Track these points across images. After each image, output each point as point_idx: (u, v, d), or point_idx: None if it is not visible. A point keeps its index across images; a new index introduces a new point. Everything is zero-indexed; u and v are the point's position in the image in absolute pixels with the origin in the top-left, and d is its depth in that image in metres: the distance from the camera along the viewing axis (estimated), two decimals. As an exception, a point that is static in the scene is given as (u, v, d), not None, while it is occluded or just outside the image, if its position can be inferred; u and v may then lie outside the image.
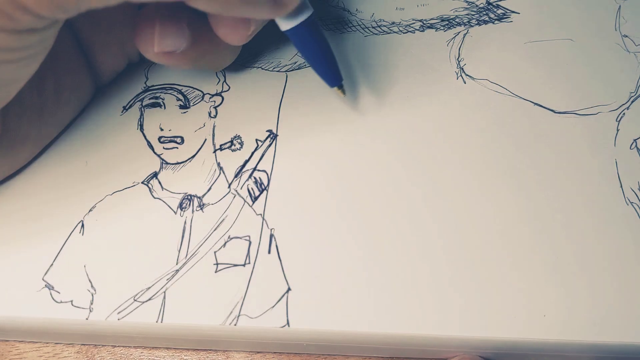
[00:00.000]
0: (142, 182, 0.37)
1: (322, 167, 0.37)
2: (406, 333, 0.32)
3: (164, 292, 0.33)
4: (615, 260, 0.34)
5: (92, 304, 0.33)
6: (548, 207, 0.35)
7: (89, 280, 0.34)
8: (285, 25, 0.34)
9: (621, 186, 0.36)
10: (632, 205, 0.36)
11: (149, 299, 0.33)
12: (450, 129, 0.38)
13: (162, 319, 0.33)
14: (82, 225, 0.36)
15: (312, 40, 0.35)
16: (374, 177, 0.37)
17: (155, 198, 0.36)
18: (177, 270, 0.34)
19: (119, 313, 0.33)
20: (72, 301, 0.34)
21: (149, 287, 0.34)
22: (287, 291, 0.33)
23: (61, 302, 0.34)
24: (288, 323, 0.32)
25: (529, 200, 0.36)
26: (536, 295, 0.33)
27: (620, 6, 0.42)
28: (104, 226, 0.36)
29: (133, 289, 0.34)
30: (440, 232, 0.35)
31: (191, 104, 0.40)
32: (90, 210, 0.36)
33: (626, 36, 0.41)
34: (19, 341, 0.36)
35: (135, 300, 0.33)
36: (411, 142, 0.38)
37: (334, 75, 0.37)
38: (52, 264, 0.35)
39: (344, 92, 0.38)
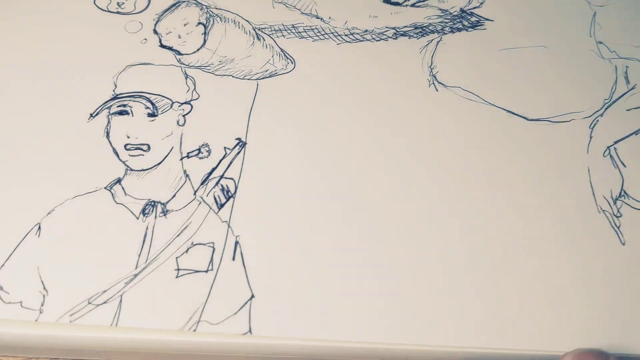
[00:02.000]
0: (105, 188, 0.36)
1: (291, 175, 0.36)
2: (370, 344, 0.31)
3: (121, 295, 0.33)
4: (586, 269, 0.33)
5: (42, 305, 0.32)
6: (519, 216, 0.35)
7: (42, 282, 0.33)
8: None
9: (593, 194, 0.36)
10: (604, 214, 0.35)
11: (105, 302, 0.32)
12: (423, 137, 0.38)
13: (117, 323, 0.32)
14: (39, 228, 0.35)
15: None
16: (342, 186, 0.36)
17: (117, 203, 0.36)
18: (136, 275, 0.33)
19: (71, 315, 0.32)
20: (21, 302, 0.33)
21: (105, 291, 0.33)
22: (251, 298, 0.32)
23: (10, 302, 0.32)
24: (250, 330, 0.32)
25: (500, 209, 0.35)
26: (505, 305, 0.32)
27: (595, 12, 0.42)
28: (62, 229, 0.35)
29: (88, 292, 0.33)
30: (408, 240, 0.34)
31: (160, 112, 0.39)
32: (48, 213, 0.35)
33: (601, 42, 0.41)
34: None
35: (89, 303, 0.32)
36: (383, 150, 0.37)
37: None
38: (3, 265, 0.34)
39: None
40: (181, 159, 0.37)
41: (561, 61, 0.40)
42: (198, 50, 0.41)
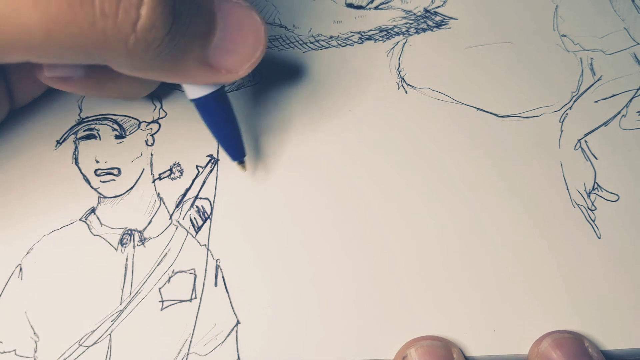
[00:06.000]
0: (80, 219, 0.35)
1: (267, 191, 0.36)
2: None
3: (110, 334, 0.32)
4: (564, 266, 0.34)
5: (36, 352, 0.32)
6: (494, 214, 0.35)
7: (31, 327, 0.33)
8: (192, 93, 0.32)
9: (567, 188, 0.36)
10: (579, 208, 0.35)
11: (95, 343, 0.32)
12: (395, 140, 0.37)
13: (109, 363, 0.32)
14: (21, 269, 0.34)
15: (218, 113, 0.33)
16: (320, 196, 0.36)
17: (94, 235, 0.35)
18: (122, 311, 0.33)
19: (64, 360, 0.32)
20: (15, 350, 0.32)
21: (94, 330, 0.32)
22: (236, 325, 0.32)
23: (3, 352, 0.32)
24: (239, 358, 0.32)
25: (475, 208, 0.35)
26: (484, 309, 0.33)
27: (557, 6, 0.42)
28: (43, 268, 0.34)
29: (77, 334, 0.32)
30: (390, 248, 0.34)
31: (127, 133, 0.38)
32: (27, 253, 0.35)
33: (565, 35, 0.41)
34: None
35: (80, 345, 0.32)
36: (356, 158, 0.37)
37: (237, 150, 0.35)
38: (-8, 312, 0.33)
39: (244, 167, 0.36)
40: (153, 181, 0.37)
41: (527, 56, 0.40)
42: (162, 66, 0.41)
